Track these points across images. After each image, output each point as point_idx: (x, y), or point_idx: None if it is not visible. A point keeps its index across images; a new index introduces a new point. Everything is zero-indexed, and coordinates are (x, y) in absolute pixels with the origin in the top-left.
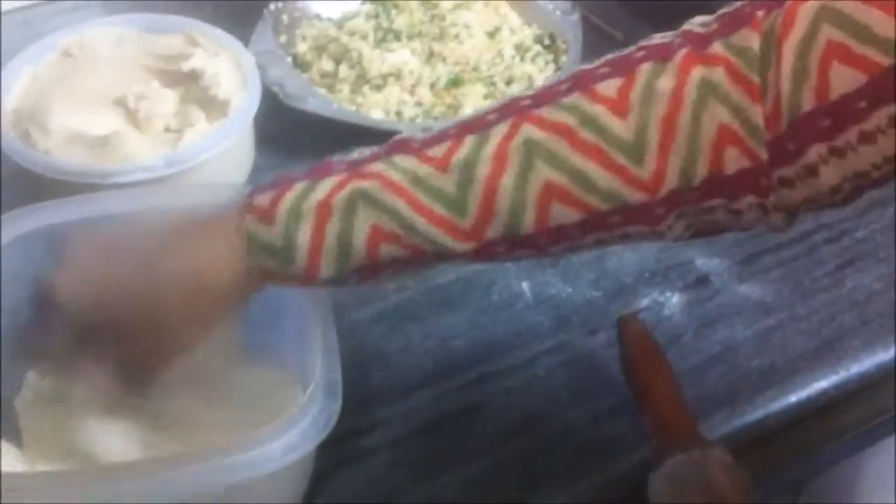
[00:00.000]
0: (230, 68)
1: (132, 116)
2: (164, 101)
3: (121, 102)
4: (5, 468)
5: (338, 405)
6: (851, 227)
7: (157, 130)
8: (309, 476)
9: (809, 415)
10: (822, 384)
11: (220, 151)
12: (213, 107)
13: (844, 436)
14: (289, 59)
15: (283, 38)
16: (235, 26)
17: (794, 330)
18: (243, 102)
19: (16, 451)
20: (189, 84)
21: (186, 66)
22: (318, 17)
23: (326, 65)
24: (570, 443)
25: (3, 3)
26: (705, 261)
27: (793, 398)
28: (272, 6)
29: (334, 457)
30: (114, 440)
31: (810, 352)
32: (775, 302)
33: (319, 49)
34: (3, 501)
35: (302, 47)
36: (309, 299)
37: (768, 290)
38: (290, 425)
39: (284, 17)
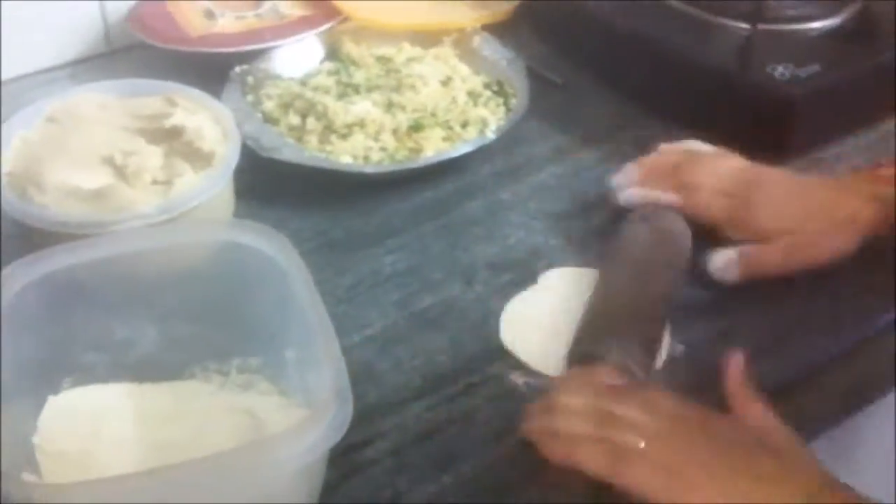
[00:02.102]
0: (210, 123)
1: (121, 172)
2: (151, 156)
3: (108, 160)
4: None
5: (350, 408)
6: None
7: (145, 183)
8: (322, 480)
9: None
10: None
11: (208, 198)
12: (198, 159)
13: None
14: (259, 116)
15: (250, 98)
16: (203, 90)
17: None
18: (226, 153)
19: (37, 480)
20: (172, 140)
21: (168, 123)
22: (280, 77)
23: (294, 119)
24: None
25: None
26: None
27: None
28: (237, 69)
29: (340, 468)
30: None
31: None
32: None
33: (285, 106)
34: None
35: (269, 105)
36: (312, 322)
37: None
38: (309, 426)
39: (250, 79)
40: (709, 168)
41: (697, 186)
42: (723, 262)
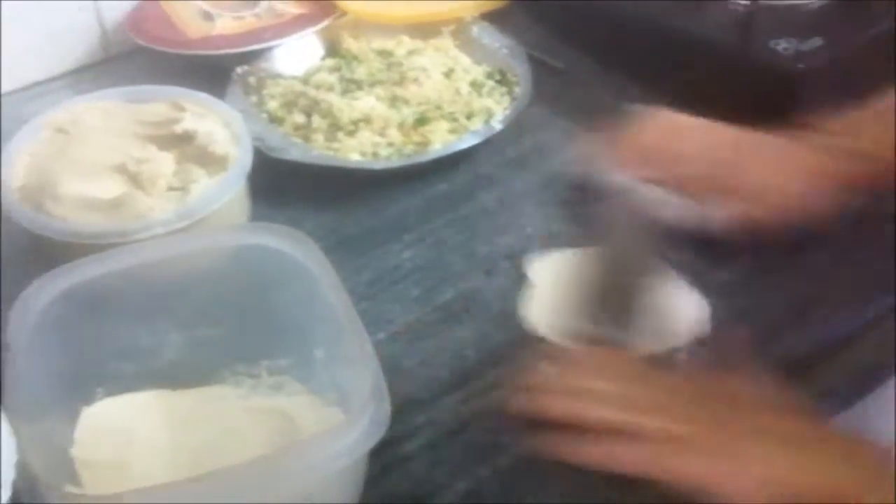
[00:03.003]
0: (220, 126)
1: (135, 179)
2: (163, 163)
3: (121, 168)
4: None
5: (388, 406)
6: None
7: (160, 190)
8: (363, 478)
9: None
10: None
11: (225, 202)
12: (212, 162)
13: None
14: (263, 116)
15: (253, 99)
16: (206, 93)
17: None
18: (239, 155)
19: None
20: (183, 145)
21: (179, 128)
22: (282, 75)
23: (298, 118)
24: None
25: None
26: None
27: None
28: (238, 70)
29: (378, 465)
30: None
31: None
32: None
33: (289, 105)
34: None
35: (272, 105)
36: (340, 320)
37: None
38: (350, 427)
39: (251, 79)
40: (691, 139)
41: (681, 158)
42: (721, 225)
